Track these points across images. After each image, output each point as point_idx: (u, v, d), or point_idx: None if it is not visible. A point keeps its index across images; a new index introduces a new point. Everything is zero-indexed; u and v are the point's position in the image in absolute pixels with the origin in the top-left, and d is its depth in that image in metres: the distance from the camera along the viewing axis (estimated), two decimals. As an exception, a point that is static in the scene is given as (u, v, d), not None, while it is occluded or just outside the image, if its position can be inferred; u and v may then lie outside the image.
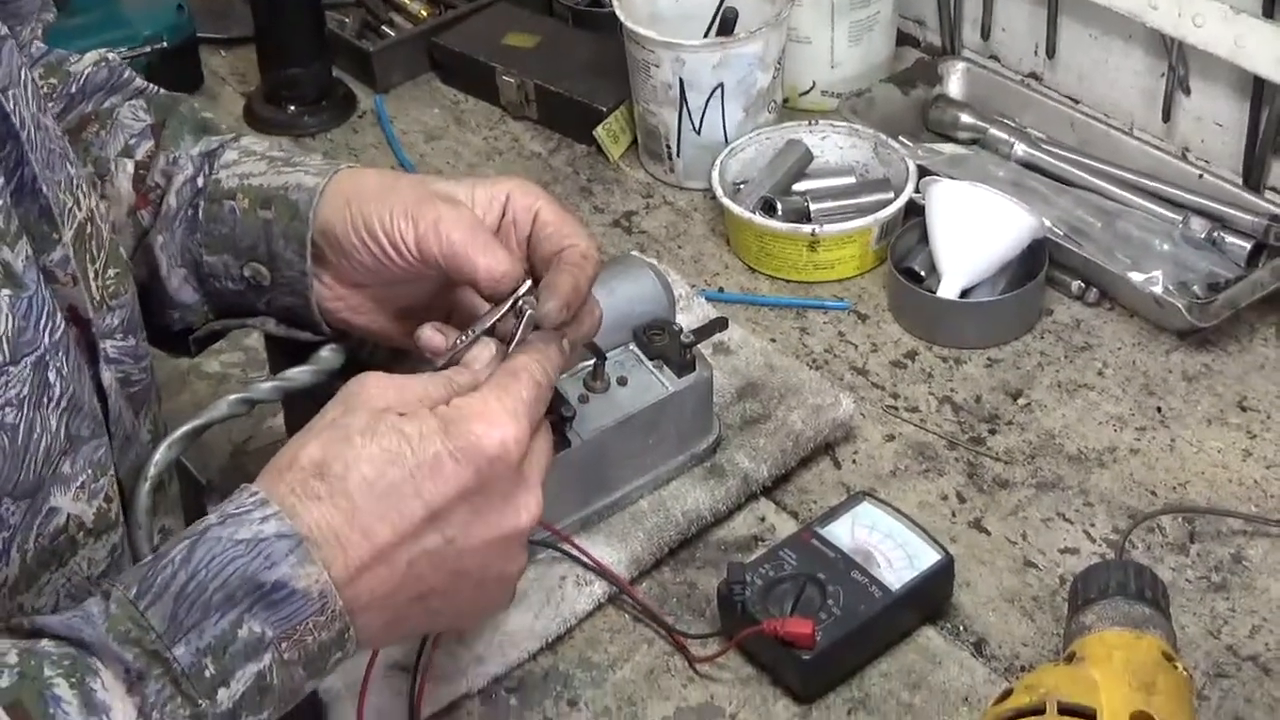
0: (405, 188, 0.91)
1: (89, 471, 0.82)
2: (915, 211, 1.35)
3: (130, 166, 0.97)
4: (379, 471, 0.77)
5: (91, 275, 0.86)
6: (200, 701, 0.72)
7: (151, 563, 0.75)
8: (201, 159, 0.96)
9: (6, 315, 0.75)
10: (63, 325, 0.80)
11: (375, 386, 0.81)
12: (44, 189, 0.80)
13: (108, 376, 0.86)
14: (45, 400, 0.78)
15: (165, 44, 1.60)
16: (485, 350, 0.87)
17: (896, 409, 1.23)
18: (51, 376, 0.78)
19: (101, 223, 0.88)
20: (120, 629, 0.73)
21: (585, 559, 1.06)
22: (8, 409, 0.75)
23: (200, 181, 0.95)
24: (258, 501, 0.76)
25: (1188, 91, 1.42)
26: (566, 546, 1.06)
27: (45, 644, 0.72)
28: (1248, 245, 1.31)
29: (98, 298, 0.87)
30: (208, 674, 0.73)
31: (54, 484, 0.79)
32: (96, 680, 0.71)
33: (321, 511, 0.76)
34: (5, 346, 0.75)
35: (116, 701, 0.71)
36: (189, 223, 0.96)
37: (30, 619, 0.75)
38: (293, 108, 1.60)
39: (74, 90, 0.99)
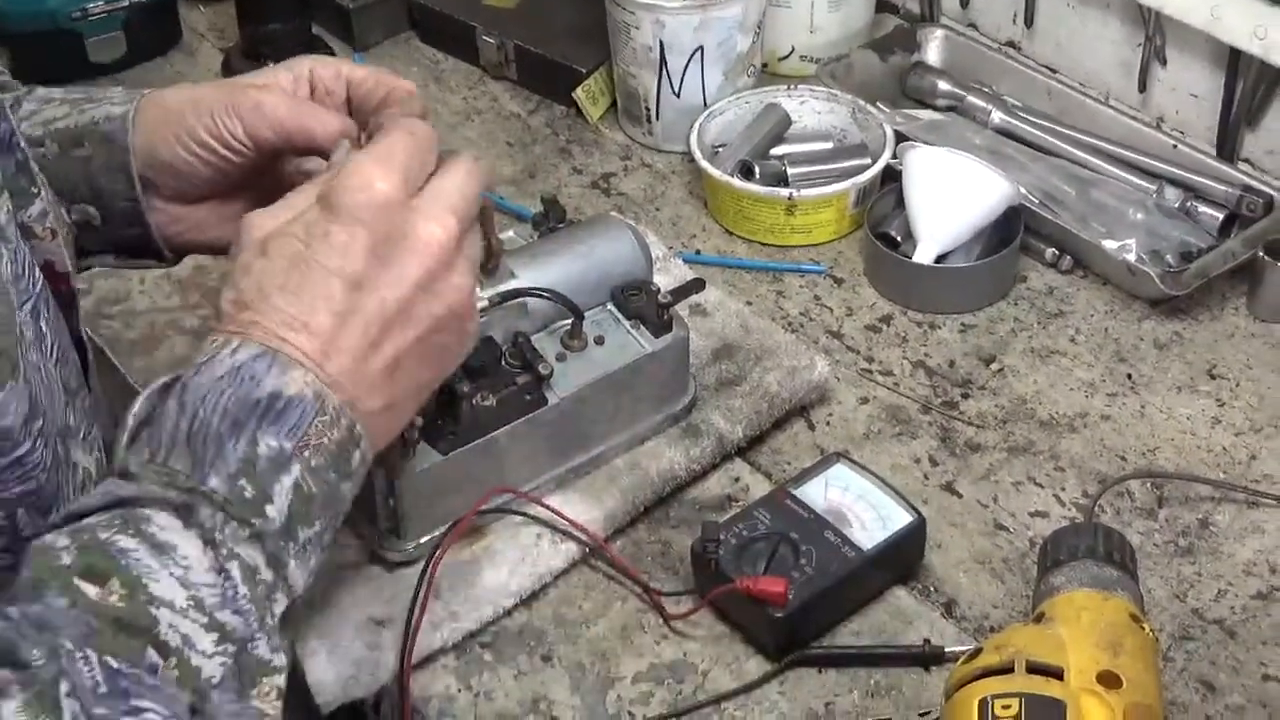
0: (212, 92, 0.94)
1: (85, 422, 0.82)
2: (892, 177, 1.35)
3: None
4: (287, 275, 0.78)
5: (63, 230, 0.87)
6: (253, 521, 0.73)
7: (147, 428, 0.75)
8: None
9: (8, 262, 0.75)
10: (41, 279, 0.80)
11: (254, 221, 0.81)
12: (20, 144, 0.81)
13: (85, 330, 0.86)
14: (43, 349, 0.78)
15: (144, -2, 1.60)
16: None
17: (871, 372, 1.24)
18: (43, 326, 0.79)
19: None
20: (150, 479, 0.73)
21: (560, 519, 1.07)
22: (30, 352, 0.76)
23: None
24: (218, 345, 0.77)
25: (1164, 62, 1.42)
26: (539, 511, 1.07)
27: (87, 520, 0.72)
28: (1220, 215, 1.32)
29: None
30: (248, 495, 0.73)
31: (68, 435, 0.80)
32: (151, 525, 0.71)
33: (262, 330, 0.77)
34: (13, 292, 0.75)
35: (177, 538, 0.71)
36: None
37: (58, 514, 0.74)
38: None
39: None
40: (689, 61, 1.43)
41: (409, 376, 0.81)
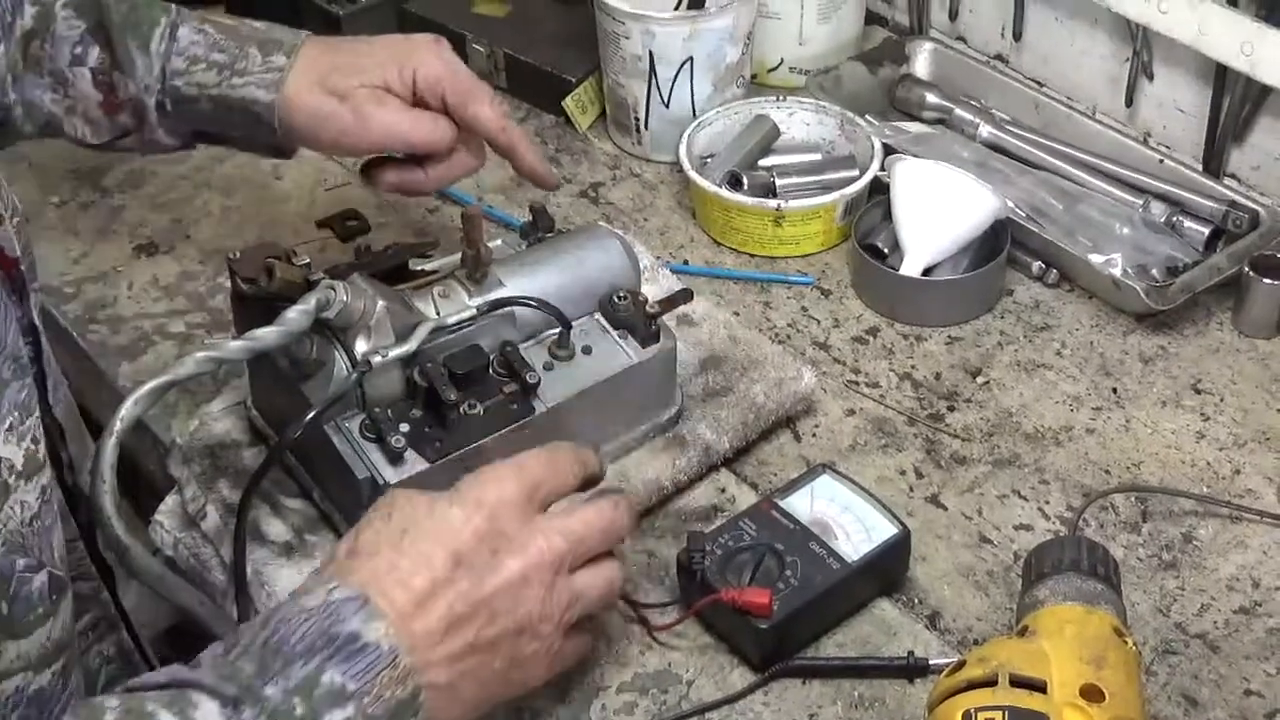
0: (337, 106, 1.12)
1: (15, 414, 0.81)
2: (880, 189, 1.36)
3: (87, 74, 1.13)
4: (399, 536, 0.85)
5: (10, 215, 0.87)
6: None
7: (231, 634, 0.81)
8: (159, 75, 1.13)
9: None
10: None
11: (393, 492, 0.90)
12: None
13: (38, 316, 0.87)
14: None
15: (134, 3, 1.59)
16: None
17: (857, 384, 1.24)
18: None
19: None
20: (216, 672, 0.78)
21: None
22: None
23: (160, 96, 1.13)
24: (321, 580, 0.83)
25: (1151, 77, 1.43)
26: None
27: (143, 693, 0.76)
28: (1206, 230, 1.33)
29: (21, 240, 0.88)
30: (297, 712, 0.77)
31: None
32: (196, 710, 0.76)
33: (363, 577, 0.82)
34: None
35: None
36: (162, 115, 1.15)
37: (128, 683, 0.78)
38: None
39: None
40: (678, 72, 1.43)
41: (478, 669, 0.85)
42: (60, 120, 1.15)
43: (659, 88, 1.44)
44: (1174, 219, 1.34)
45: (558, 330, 1.09)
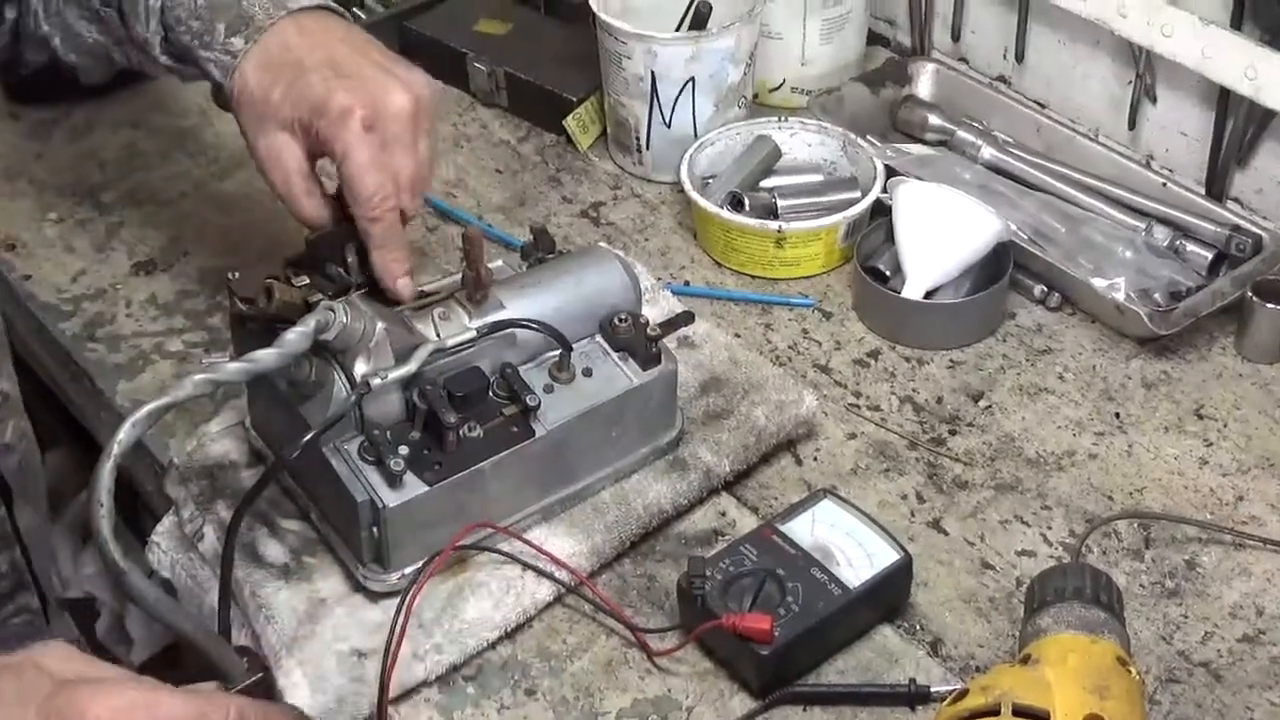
0: (250, 138, 1.11)
1: None
2: (882, 211, 1.35)
3: (115, 15, 1.16)
4: None
5: None
6: None
7: None
8: (158, 28, 1.14)
9: None
10: None
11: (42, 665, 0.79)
12: None
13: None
14: None
15: (134, 19, 1.59)
16: None
17: (859, 407, 1.23)
18: None
19: None
20: None
21: (540, 557, 1.06)
22: None
23: (162, 47, 1.15)
24: None
25: (1154, 100, 1.43)
26: (520, 547, 1.06)
27: None
28: (1209, 255, 1.32)
29: None
30: None
31: None
32: None
33: None
34: None
35: None
36: (171, 63, 1.16)
37: None
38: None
39: None
40: (680, 92, 1.43)
41: None
42: (108, 49, 1.19)
43: (660, 108, 1.44)
44: (1177, 243, 1.34)
45: (558, 352, 1.09)
